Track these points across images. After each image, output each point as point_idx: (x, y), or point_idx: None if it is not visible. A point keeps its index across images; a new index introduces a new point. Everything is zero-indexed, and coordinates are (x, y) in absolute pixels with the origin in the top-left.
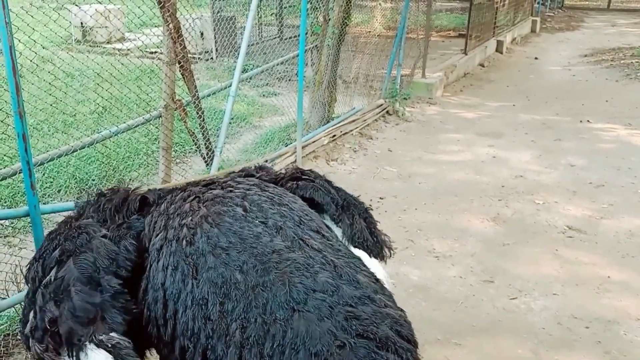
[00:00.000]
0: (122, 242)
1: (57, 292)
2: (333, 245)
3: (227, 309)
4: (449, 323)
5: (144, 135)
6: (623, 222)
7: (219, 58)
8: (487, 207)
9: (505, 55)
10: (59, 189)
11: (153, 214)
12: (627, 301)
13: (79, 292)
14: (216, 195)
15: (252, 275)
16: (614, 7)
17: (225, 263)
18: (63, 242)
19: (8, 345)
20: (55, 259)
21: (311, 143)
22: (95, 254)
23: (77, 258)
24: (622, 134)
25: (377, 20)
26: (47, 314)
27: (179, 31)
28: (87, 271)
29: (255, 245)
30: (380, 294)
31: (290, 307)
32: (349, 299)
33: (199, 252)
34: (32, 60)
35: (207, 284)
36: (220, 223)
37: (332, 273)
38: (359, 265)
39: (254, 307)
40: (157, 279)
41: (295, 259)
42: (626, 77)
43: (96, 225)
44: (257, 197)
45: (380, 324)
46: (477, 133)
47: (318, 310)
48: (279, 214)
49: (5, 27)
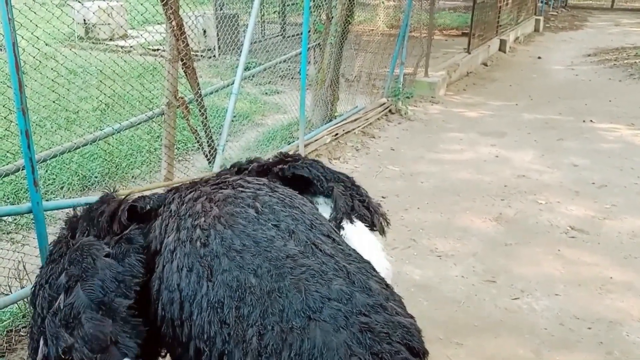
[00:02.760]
0: (126, 260)
1: (68, 320)
2: (344, 250)
3: (244, 314)
4: (451, 322)
5: (147, 132)
6: (626, 223)
7: (221, 56)
8: (490, 206)
9: (509, 55)
10: (61, 186)
11: (163, 215)
12: (629, 302)
13: (90, 319)
14: (227, 196)
15: (267, 280)
16: (617, 6)
17: (239, 266)
18: (68, 267)
19: (11, 341)
20: (63, 285)
21: (313, 141)
22: (102, 276)
23: (84, 283)
24: (625, 134)
25: (380, 18)
26: (61, 343)
27: (182, 28)
28: (96, 297)
29: (270, 249)
30: (392, 300)
31: (307, 315)
32: (362, 308)
33: (213, 254)
34: (35, 57)
35: (222, 287)
36: (233, 225)
37: (345, 280)
38: (369, 271)
39: (271, 313)
40: (173, 280)
41: (310, 266)
42: (630, 77)
43: (98, 243)
44: (268, 198)
45: (393, 335)
46: (480, 132)
47: (334, 320)
48: (290, 217)
49: (9, 24)
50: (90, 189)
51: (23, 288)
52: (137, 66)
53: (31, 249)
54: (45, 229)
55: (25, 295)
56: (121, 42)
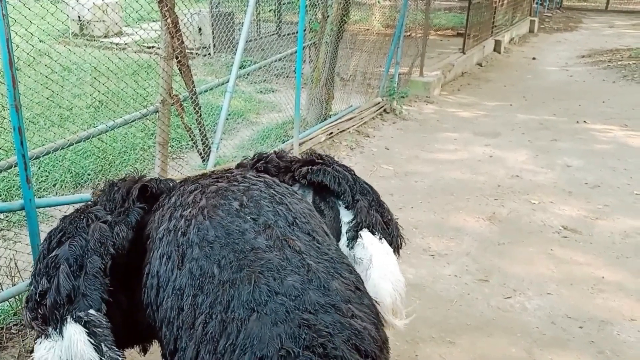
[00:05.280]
0: (116, 227)
1: (49, 269)
2: (320, 249)
3: (198, 302)
4: (444, 321)
5: (141, 130)
6: (618, 223)
7: (216, 54)
8: (483, 206)
9: (503, 55)
10: (54, 183)
11: (164, 207)
12: (620, 301)
13: (64, 272)
14: (219, 188)
15: (227, 270)
16: (612, 8)
17: (207, 256)
18: (67, 225)
19: (2, 339)
20: (57, 239)
21: (308, 140)
22: (90, 237)
23: (72, 240)
24: (619, 135)
25: (375, 18)
26: (39, 287)
27: (177, 26)
28: (76, 253)
29: (238, 241)
30: (354, 303)
31: (251, 307)
32: (309, 306)
33: (188, 243)
34: (29, 53)
35: (186, 275)
36: (213, 216)
37: (302, 277)
38: (340, 272)
39: (219, 303)
40: (154, 267)
41: (270, 260)
42: (623, 79)
43: (100, 210)
44: (257, 193)
45: (337, 335)
46: (474, 132)
47: (274, 314)
48: (273, 212)
49: (3, 20)
50: (84, 187)
51: (15, 285)
52: (132, 63)
53: (23, 246)
54: (37, 226)
55: (16, 293)
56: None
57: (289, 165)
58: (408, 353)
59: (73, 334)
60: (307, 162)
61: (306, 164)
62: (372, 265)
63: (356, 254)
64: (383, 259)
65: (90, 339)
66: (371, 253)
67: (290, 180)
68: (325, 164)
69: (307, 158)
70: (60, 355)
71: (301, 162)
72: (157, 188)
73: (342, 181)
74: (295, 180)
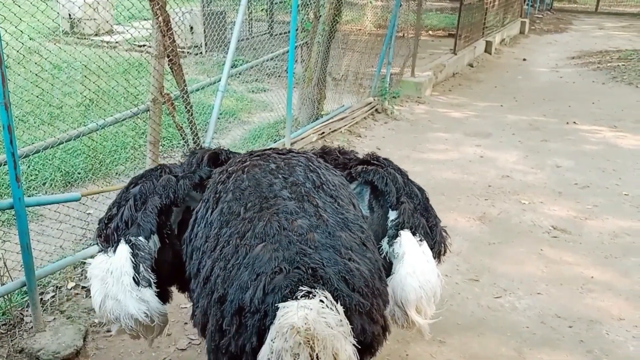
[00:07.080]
0: (181, 181)
1: (121, 201)
2: (338, 210)
3: (221, 233)
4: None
5: (131, 129)
6: (607, 223)
7: (208, 53)
8: (474, 206)
9: (494, 56)
10: (44, 182)
11: (221, 168)
12: (609, 301)
13: (130, 204)
14: (264, 154)
15: (251, 211)
16: (601, 10)
17: (237, 199)
18: (147, 174)
19: None
20: (136, 181)
21: (300, 140)
22: (158, 184)
23: (145, 183)
24: (608, 136)
25: (367, 18)
26: (109, 213)
27: (169, 25)
28: (143, 192)
29: (265, 190)
30: (355, 252)
31: (261, 237)
32: (311, 242)
33: (225, 190)
34: (18, 51)
35: (217, 212)
36: (250, 171)
37: (311, 222)
38: (351, 228)
39: (237, 233)
40: (197, 209)
41: (287, 205)
42: (612, 80)
43: (178, 169)
44: (295, 161)
45: (328, 267)
46: (465, 133)
47: (278, 243)
48: (303, 176)
49: None
50: (74, 185)
51: (4, 285)
52: (123, 62)
53: (12, 245)
54: (26, 225)
55: (5, 292)
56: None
57: (347, 162)
58: (398, 352)
59: (121, 251)
60: (364, 161)
61: (362, 163)
62: (403, 261)
63: (394, 249)
64: (416, 257)
65: (132, 257)
66: (405, 250)
67: (348, 177)
68: (380, 165)
69: (364, 158)
70: (108, 267)
71: (358, 160)
72: (226, 156)
73: (389, 182)
74: (353, 178)
